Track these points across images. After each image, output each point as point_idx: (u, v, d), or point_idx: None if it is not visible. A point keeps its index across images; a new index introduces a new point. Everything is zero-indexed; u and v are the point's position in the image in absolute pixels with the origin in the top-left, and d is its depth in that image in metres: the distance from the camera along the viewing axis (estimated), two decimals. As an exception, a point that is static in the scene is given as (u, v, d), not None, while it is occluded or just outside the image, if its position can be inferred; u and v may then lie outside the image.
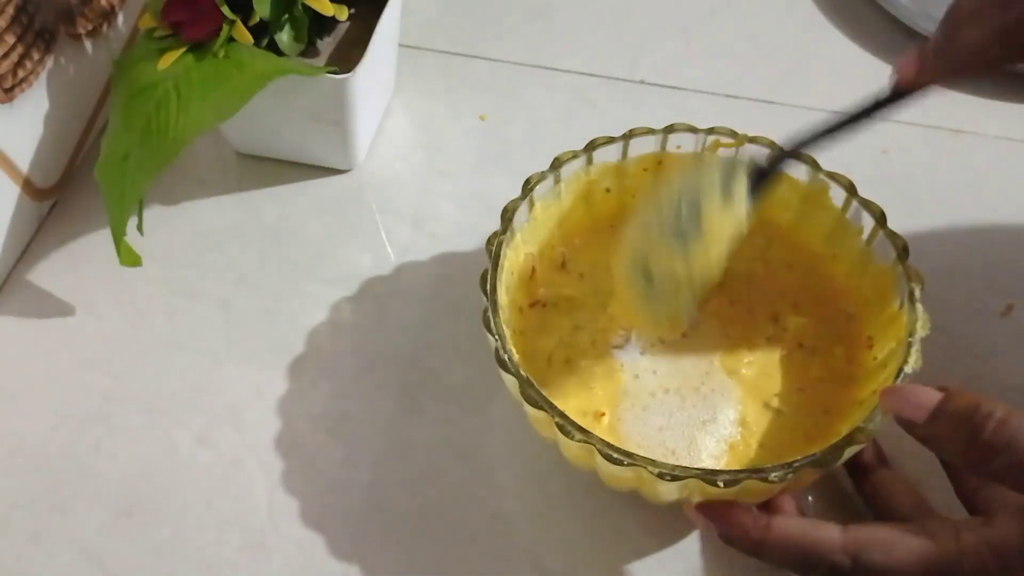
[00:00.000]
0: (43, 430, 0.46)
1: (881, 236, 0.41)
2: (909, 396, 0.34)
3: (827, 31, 0.61)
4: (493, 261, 0.41)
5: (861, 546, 0.34)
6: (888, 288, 0.41)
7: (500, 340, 0.39)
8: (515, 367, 0.38)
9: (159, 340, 0.49)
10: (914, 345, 0.38)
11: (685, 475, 0.35)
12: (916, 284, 0.39)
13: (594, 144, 0.44)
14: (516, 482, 0.44)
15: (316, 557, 0.42)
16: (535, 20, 0.62)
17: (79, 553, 0.42)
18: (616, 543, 0.42)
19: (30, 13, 0.47)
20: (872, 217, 0.42)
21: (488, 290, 0.40)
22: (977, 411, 0.32)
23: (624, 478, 0.38)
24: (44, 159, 0.51)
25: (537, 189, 0.44)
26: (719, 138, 0.44)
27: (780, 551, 0.35)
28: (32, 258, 0.52)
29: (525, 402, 0.37)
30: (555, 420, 0.37)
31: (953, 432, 0.33)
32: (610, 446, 0.36)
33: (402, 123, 0.57)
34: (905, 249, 0.40)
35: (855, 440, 0.36)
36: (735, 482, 0.35)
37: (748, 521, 0.36)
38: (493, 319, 0.39)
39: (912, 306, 0.39)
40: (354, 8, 0.50)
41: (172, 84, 0.47)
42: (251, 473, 0.44)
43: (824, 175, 0.43)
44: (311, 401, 0.46)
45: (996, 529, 0.33)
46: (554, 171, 0.44)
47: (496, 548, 0.42)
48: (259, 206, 0.54)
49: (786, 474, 0.35)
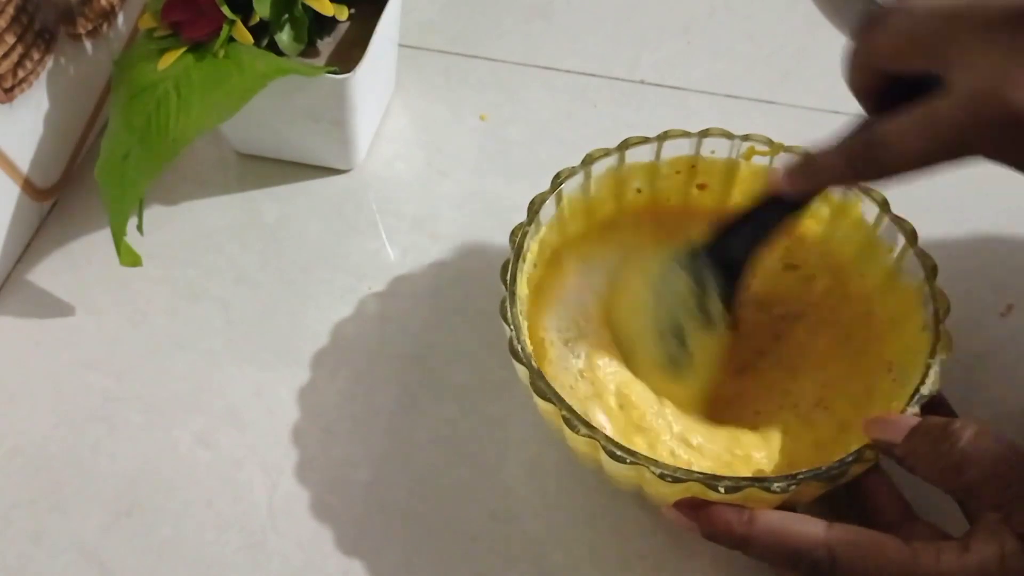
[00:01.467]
0: (43, 430, 0.46)
1: (911, 254, 0.41)
2: (890, 422, 0.36)
3: (827, 31, 0.61)
4: (516, 252, 0.41)
5: (843, 547, 0.34)
6: (912, 308, 0.40)
7: (515, 331, 0.39)
8: (527, 358, 0.38)
9: (159, 340, 0.49)
10: (933, 367, 0.37)
11: (687, 478, 0.35)
12: (942, 306, 0.39)
13: (627, 143, 0.44)
14: (516, 482, 0.44)
15: (316, 557, 0.42)
16: (535, 20, 0.62)
17: (79, 553, 0.42)
18: (617, 543, 0.42)
19: (30, 13, 0.47)
20: (903, 235, 0.41)
21: (508, 279, 0.41)
22: (949, 426, 0.34)
23: (627, 476, 0.38)
24: (44, 159, 0.51)
25: (566, 185, 0.44)
26: (754, 145, 0.44)
27: (763, 545, 0.35)
28: (32, 258, 0.52)
29: (534, 394, 0.38)
30: (562, 413, 0.37)
31: (927, 447, 0.35)
32: (613, 443, 0.36)
33: (402, 123, 0.57)
34: (934, 269, 0.40)
35: (863, 458, 0.36)
36: (736, 489, 0.35)
37: (731, 516, 0.36)
38: (510, 309, 0.40)
39: (936, 328, 0.38)
40: (354, 8, 0.50)
41: (172, 84, 0.47)
42: (251, 473, 0.44)
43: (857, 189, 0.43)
44: (311, 401, 0.46)
45: (974, 554, 0.33)
46: (585, 167, 0.44)
47: (496, 548, 0.42)
48: (259, 206, 0.54)
49: (789, 485, 0.35)
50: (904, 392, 0.38)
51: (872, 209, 0.42)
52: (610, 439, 0.36)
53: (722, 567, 0.41)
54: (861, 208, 0.43)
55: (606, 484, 0.41)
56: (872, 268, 0.43)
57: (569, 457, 0.44)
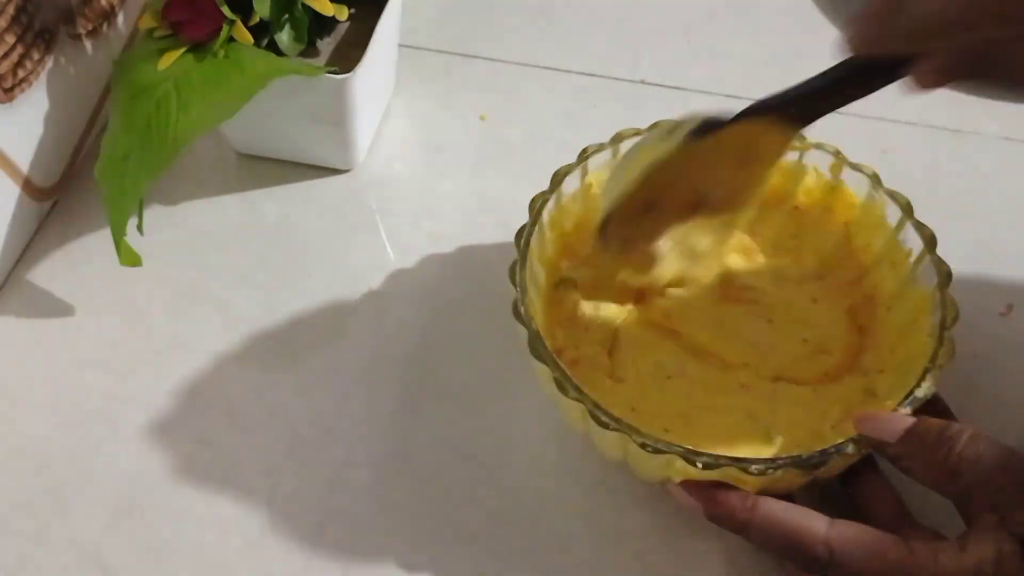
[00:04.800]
0: (43, 430, 0.46)
1: (927, 261, 0.41)
2: (882, 419, 0.36)
3: (827, 31, 0.61)
4: (533, 218, 0.42)
5: (843, 544, 0.34)
6: (923, 314, 0.40)
7: (521, 292, 0.40)
8: (527, 319, 0.39)
9: (159, 340, 0.49)
10: (931, 371, 0.37)
11: (667, 450, 0.36)
12: (950, 314, 0.39)
13: (658, 126, 0.44)
14: (516, 482, 0.44)
15: (316, 557, 0.42)
16: (535, 20, 0.62)
17: (79, 553, 0.42)
18: (618, 543, 0.42)
19: (30, 13, 0.47)
20: (923, 240, 0.41)
21: (522, 244, 0.41)
22: (947, 430, 0.34)
23: (613, 446, 0.38)
24: (44, 159, 0.51)
25: (591, 160, 0.44)
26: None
27: (764, 533, 0.36)
28: (32, 258, 0.52)
29: (532, 356, 0.38)
30: (554, 376, 0.37)
31: (924, 450, 0.35)
32: (600, 408, 0.37)
33: (402, 123, 0.57)
34: (948, 276, 0.40)
35: (844, 450, 0.36)
36: (714, 466, 0.36)
37: (734, 501, 0.36)
38: (520, 272, 0.40)
39: (941, 335, 0.38)
40: (354, 8, 0.50)
41: (172, 84, 0.47)
42: (251, 473, 0.44)
43: (884, 192, 0.43)
44: (311, 401, 0.46)
45: (971, 555, 0.33)
46: (613, 144, 0.44)
47: (496, 548, 0.42)
48: (259, 206, 0.54)
49: (767, 468, 0.35)
50: (899, 394, 0.38)
51: (895, 212, 0.43)
52: (597, 404, 0.37)
53: (725, 568, 0.41)
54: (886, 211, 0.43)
55: (606, 484, 0.41)
56: (890, 273, 0.44)
57: (569, 457, 0.44)
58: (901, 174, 0.54)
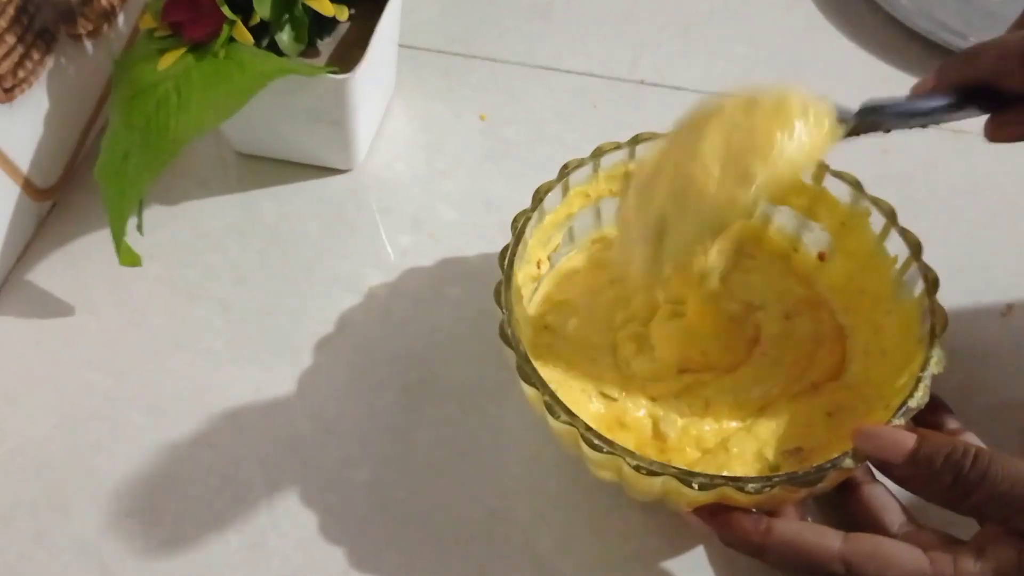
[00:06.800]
0: (44, 430, 0.46)
1: (913, 268, 0.40)
2: (885, 437, 0.35)
3: (827, 31, 0.61)
4: (516, 237, 0.41)
5: (859, 558, 0.34)
6: (912, 321, 0.40)
7: (507, 313, 0.39)
8: (515, 340, 0.38)
9: (159, 340, 0.49)
10: (923, 381, 0.37)
11: (662, 471, 0.35)
12: (939, 322, 0.38)
13: (638, 139, 0.44)
14: (516, 482, 0.44)
15: (316, 557, 0.42)
16: (535, 20, 0.62)
17: (80, 553, 0.42)
18: (617, 543, 0.42)
19: (30, 13, 0.47)
20: (909, 247, 0.41)
21: (505, 264, 0.41)
22: (953, 453, 0.34)
23: (606, 468, 0.38)
24: (44, 159, 0.51)
25: (573, 176, 0.44)
26: None
27: (779, 555, 0.35)
28: (32, 258, 0.52)
29: (520, 379, 0.38)
30: (544, 399, 0.37)
31: (931, 477, 0.34)
32: (592, 431, 0.36)
33: (402, 123, 0.57)
34: (935, 283, 0.39)
35: (839, 465, 0.35)
36: (710, 486, 0.35)
37: (748, 524, 0.36)
38: (505, 293, 0.40)
39: (931, 343, 0.38)
40: (354, 8, 0.50)
41: (172, 84, 0.47)
42: (251, 473, 0.44)
43: (867, 199, 0.42)
44: (311, 401, 0.46)
45: (990, 559, 0.33)
46: (594, 159, 0.44)
47: (496, 548, 0.42)
48: (259, 206, 0.54)
49: (763, 487, 0.35)
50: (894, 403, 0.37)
51: (879, 220, 0.42)
52: (589, 427, 0.36)
53: (723, 569, 0.41)
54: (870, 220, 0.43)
55: (606, 484, 0.41)
56: (874, 278, 0.43)
57: (569, 457, 0.44)
58: (901, 174, 0.54)
